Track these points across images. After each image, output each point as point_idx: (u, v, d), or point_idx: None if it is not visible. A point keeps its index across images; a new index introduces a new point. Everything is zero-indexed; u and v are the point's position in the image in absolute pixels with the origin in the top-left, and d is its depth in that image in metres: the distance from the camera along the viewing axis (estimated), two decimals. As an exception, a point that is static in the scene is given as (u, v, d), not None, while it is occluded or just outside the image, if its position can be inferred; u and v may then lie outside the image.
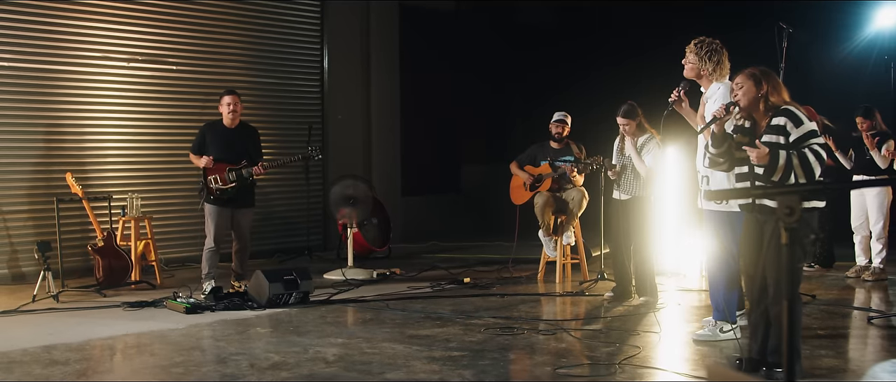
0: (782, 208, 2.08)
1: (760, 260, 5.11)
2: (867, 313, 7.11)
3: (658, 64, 12.81)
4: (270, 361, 5.58)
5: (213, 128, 8.36)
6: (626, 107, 7.67)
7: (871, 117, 9.12)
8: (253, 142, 8.43)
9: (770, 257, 5.04)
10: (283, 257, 10.99)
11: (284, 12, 11.69)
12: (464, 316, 7.11)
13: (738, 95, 5.12)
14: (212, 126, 8.41)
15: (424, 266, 10.14)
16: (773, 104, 5.09)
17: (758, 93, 5.09)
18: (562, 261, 8.95)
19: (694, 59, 6.16)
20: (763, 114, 5.12)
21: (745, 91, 5.11)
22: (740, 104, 5.12)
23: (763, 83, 5.09)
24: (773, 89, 5.10)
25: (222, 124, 8.32)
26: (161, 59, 10.35)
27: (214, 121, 8.46)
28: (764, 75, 5.14)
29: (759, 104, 5.10)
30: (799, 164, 4.90)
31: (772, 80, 5.14)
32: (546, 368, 5.42)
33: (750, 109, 5.13)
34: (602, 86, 12.90)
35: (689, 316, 7.13)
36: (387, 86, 12.83)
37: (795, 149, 4.93)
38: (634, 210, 7.63)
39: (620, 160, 7.78)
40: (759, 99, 5.09)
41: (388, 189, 12.34)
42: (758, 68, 5.20)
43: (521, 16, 14.79)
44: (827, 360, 5.59)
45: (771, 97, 5.08)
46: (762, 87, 5.08)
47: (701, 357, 5.69)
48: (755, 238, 5.18)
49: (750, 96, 5.10)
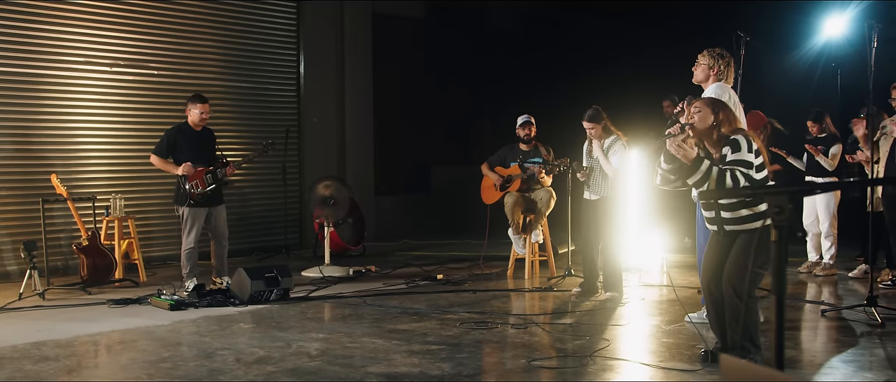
0: (772, 207, 2.10)
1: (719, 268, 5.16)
2: (819, 306, 7.20)
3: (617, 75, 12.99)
4: (255, 356, 5.54)
5: (183, 132, 8.19)
6: (592, 111, 7.71)
7: (820, 121, 9.27)
8: (214, 143, 8.37)
9: (731, 264, 5.07)
10: (261, 255, 10.91)
11: (261, 19, 11.62)
12: (439, 311, 7.10)
13: (694, 118, 5.13)
14: (181, 130, 8.21)
15: (398, 263, 10.13)
16: (724, 135, 5.12)
17: (713, 122, 5.11)
18: (530, 258, 8.98)
19: (708, 61, 6.19)
20: (715, 143, 5.14)
21: (701, 116, 5.13)
22: (695, 126, 5.12)
23: (719, 113, 5.12)
24: (725, 120, 5.12)
25: (190, 128, 8.20)
26: (142, 63, 10.25)
27: (182, 124, 8.27)
28: (720, 106, 5.18)
29: (712, 133, 5.13)
30: (715, 178, 4.94)
31: (726, 112, 5.17)
32: (521, 360, 5.43)
33: (702, 135, 5.15)
34: (565, 93, 12.99)
35: (652, 310, 7.17)
36: (360, 91, 12.80)
37: (720, 166, 4.98)
38: (603, 209, 7.67)
39: (589, 162, 7.82)
40: (713, 128, 5.12)
41: (362, 189, 12.30)
42: (715, 99, 5.25)
43: (488, 23, 14.83)
44: (786, 352, 5.65)
45: (723, 127, 5.10)
46: (718, 117, 5.11)
47: (666, 349, 5.73)
48: (718, 253, 5.20)
49: (705, 122, 5.12)
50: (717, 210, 5.12)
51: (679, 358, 5.46)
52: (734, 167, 4.95)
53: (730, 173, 4.93)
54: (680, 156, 5.00)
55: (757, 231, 5.00)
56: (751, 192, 3.40)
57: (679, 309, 6.99)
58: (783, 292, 2.10)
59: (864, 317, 6.56)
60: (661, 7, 13.76)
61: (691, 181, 5.03)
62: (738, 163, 4.97)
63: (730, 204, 5.07)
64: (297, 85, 12.09)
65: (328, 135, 12.41)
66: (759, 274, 5.10)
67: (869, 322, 6.44)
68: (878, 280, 7.79)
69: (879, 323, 6.36)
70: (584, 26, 14.56)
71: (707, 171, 4.96)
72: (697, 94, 6.34)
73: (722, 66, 6.19)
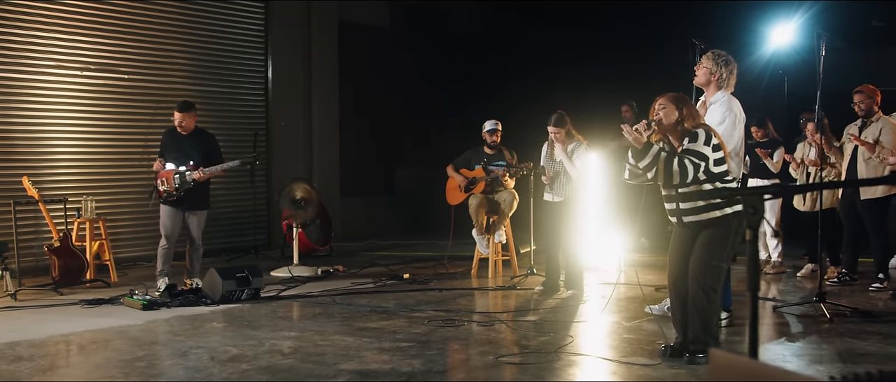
0: (747, 208, 2.13)
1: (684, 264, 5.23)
2: (770, 302, 7.31)
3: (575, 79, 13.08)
4: (229, 354, 5.49)
5: (171, 135, 8.19)
6: (556, 116, 7.75)
7: (763, 126, 9.45)
8: (205, 147, 8.22)
9: (696, 260, 5.14)
10: (230, 256, 10.81)
11: (230, 24, 11.52)
12: (407, 309, 7.10)
13: (659, 114, 5.20)
14: (170, 132, 8.22)
15: (365, 263, 10.10)
16: (687, 129, 5.19)
17: (678, 117, 5.18)
18: (494, 258, 9.01)
19: (711, 65, 6.20)
20: (679, 138, 5.21)
21: (667, 112, 5.20)
22: (662, 122, 5.20)
23: (683, 109, 5.20)
24: (689, 115, 5.20)
25: (176, 131, 8.15)
26: (113, 67, 10.11)
27: (171, 127, 8.27)
28: (683, 101, 5.25)
29: (676, 128, 5.20)
30: (663, 162, 5.03)
31: (689, 107, 5.25)
32: (489, 357, 5.44)
33: (667, 130, 5.22)
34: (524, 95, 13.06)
35: (612, 307, 7.21)
36: (326, 95, 12.75)
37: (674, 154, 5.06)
38: (565, 211, 7.72)
39: (550, 165, 7.86)
40: (678, 123, 5.19)
41: (328, 191, 12.24)
42: (679, 94, 5.32)
43: (450, 28, 14.84)
44: (741, 346, 5.73)
45: (686, 122, 5.18)
46: (682, 113, 5.18)
47: (628, 344, 5.78)
48: (681, 247, 5.27)
49: (671, 118, 5.19)
50: (677, 202, 5.20)
51: (640, 353, 5.51)
52: (685, 155, 5.04)
53: (678, 160, 5.02)
54: (632, 139, 5.10)
55: (717, 224, 5.07)
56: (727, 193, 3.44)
57: (638, 307, 7.06)
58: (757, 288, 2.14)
59: (814, 313, 6.67)
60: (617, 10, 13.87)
61: (642, 164, 5.10)
62: (691, 152, 5.06)
63: (688, 194, 5.14)
64: (265, 89, 12.01)
65: (295, 138, 12.35)
66: (720, 267, 5.17)
67: (818, 318, 6.55)
68: (826, 277, 7.92)
69: (828, 319, 6.47)
70: (543, 31, 14.64)
71: (656, 154, 5.07)
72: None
73: (724, 73, 6.19)
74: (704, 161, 5.05)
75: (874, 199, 7.90)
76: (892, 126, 7.58)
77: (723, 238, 5.09)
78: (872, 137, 7.81)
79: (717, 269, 5.12)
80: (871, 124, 7.90)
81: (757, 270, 2.18)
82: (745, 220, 2.11)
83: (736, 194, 2.73)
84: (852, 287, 8.08)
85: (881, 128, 7.80)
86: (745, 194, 2.22)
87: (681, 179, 5.04)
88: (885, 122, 7.82)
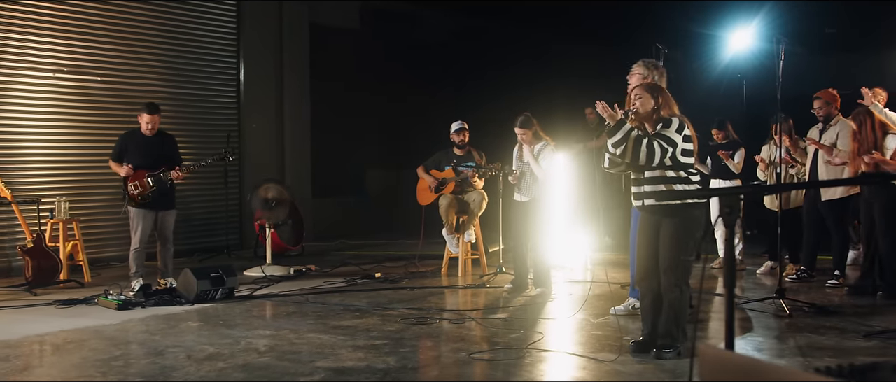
0: (723, 207, 2.16)
1: (654, 259, 5.28)
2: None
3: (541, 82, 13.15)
4: (205, 353, 5.44)
5: (133, 137, 8.07)
6: (523, 118, 7.79)
7: (723, 129, 9.55)
8: (170, 147, 8.19)
9: (665, 256, 5.20)
10: (202, 256, 10.72)
11: (202, 27, 11.43)
12: (380, 307, 7.08)
13: (636, 104, 5.26)
14: (131, 134, 8.10)
15: (337, 262, 10.06)
16: (662, 117, 5.25)
17: (653, 106, 5.25)
18: (463, 257, 9.02)
19: (642, 70, 6.27)
20: (653, 125, 5.28)
21: (643, 102, 5.26)
22: (639, 111, 5.26)
23: (659, 98, 5.26)
24: (665, 104, 5.27)
25: (141, 133, 8.04)
26: (85, 70, 9.99)
27: (133, 129, 8.15)
28: (658, 91, 5.32)
29: (652, 116, 5.26)
30: (633, 141, 5.10)
31: (665, 96, 5.32)
32: (461, 353, 5.44)
33: (643, 119, 5.28)
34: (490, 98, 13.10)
35: (579, 304, 7.25)
36: (298, 97, 12.70)
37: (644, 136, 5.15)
38: (533, 210, 7.75)
39: (519, 166, 7.89)
40: (653, 112, 5.25)
41: (300, 191, 12.18)
42: (654, 83, 5.37)
43: (419, 32, 14.83)
44: (705, 340, 5.79)
45: (662, 110, 5.24)
46: (658, 101, 5.24)
47: (596, 340, 5.81)
48: (648, 240, 5.33)
49: (647, 107, 5.25)
50: (642, 185, 5.26)
51: (608, 349, 5.54)
52: (655, 138, 5.10)
53: (647, 141, 5.08)
54: (606, 116, 5.17)
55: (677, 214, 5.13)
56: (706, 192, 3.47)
57: (604, 304, 7.11)
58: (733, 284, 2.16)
59: (774, 309, 6.76)
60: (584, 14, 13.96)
61: (613, 141, 5.15)
62: (662, 136, 5.13)
63: (652, 178, 5.20)
64: (238, 91, 11.93)
65: (267, 140, 12.28)
66: (688, 261, 5.23)
67: (778, 314, 6.64)
68: (785, 274, 8.03)
69: (787, 314, 6.56)
70: (510, 34, 14.70)
71: (627, 132, 5.12)
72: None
73: (656, 77, 6.29)
74: (673, 146, 5.12)
75: (835, 200, 8.03)
76: (849, 129, 7.70)
77: (686, 231, 5.16)
78: (830, 141, 7.94)
79: (687, 263, 5.18)
80: (830, 128, 8.04)
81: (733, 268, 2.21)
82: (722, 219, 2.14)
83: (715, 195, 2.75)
84: (810, 283, 8.20)
85: (839, 132, 7.93)
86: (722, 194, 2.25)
87: (647, 160, 5.09)
88: (843, 126, 7.95)
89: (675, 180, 5.22)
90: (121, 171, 7.91)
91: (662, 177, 5.22)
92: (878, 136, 7.29)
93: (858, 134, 7.38)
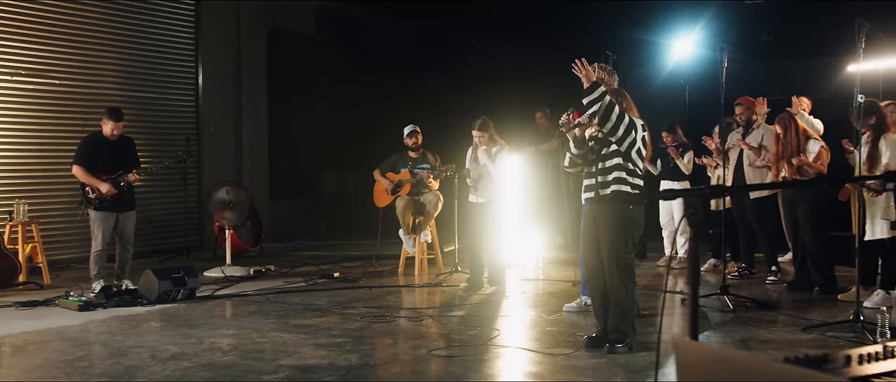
0: (687, 208, 2.19)
1: (599, 259, 5.34)
2: (677, 295, 7.51)
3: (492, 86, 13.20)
4: (169, 352, 5.36)
5: (97, 141, 7.88)
6: (480, 121, 7.81)
7: (673, 132, 9.66)
8: (129, 150, 8.04)
9: (607, 255, 5.26)
10: (162, 257, 10.56)
11: (161, 31, 11.25)
12: (340, 306, 7.04)
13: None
14: (95, 138, 7.91)
15: (295, 263, 9.99)
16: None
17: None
18: (420, 257, 9.01)
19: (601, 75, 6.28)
20: None
21: None
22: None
23: (623, 102, 5.32)
24: (628, 107, 5.34)
25: (103, 136, 7.88)
26: (43, 73, 9.77)
27: (95, 133, 7.97)
28: (621, 95, 5.38)
29: None
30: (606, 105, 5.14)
31: (628, 101, 5.39)
32: (421, 350, 5.44)
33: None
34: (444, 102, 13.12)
35: (533, 302, 7.30)
36: (255, 101, 12.57)
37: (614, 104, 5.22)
38: (489, 211, 7.77)
39: (475, 168, 7.91)
40: None
41: (258, 193, 12.07)
42: (618, 87, 5.43)
43: (373, 37, 14.78)
44: (652, 336, 5.86)
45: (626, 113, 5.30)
46: (621, 105, 5.30)
47: (551, 336, 5.85)
48: (592, 241, 5.39)
49: None
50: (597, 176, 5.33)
51: (563, 344, 5.59)
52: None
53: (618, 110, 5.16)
54: (583, 77, 5.21)
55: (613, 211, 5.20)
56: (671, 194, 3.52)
57: (557, 302, 7.16)
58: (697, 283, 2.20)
59: (719, 304, 6.86)
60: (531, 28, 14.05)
61: (587, 100, 5.18)
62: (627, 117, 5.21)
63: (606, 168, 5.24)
64: (196, 95, 11.77)
65: (226, 142, 12.13)
66: (628, 259, 5.30)
67: (722, 309, 6.75)
68: (728, 271, 8.16)
69: (731, 309, 6.67)
70: (461, 40, 14.73)
71: (602, 94, 5.15)
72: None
73: (610, 82, 6.33)
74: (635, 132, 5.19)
75: (760, 199, 8.23)
76: (772, 132, 7.86)
77: (623, 229, 5.23)
78: (756, 143, 8.14)
79: (628, 261, 5.26)
80: (753, 131, 8.25)
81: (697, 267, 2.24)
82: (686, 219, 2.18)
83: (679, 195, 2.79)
84: (751, 280, 8.36)
85: (763, 135, 8.12)
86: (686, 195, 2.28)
87: (604, 118, 5.13)
88: (765, 129, 8.16)
89: (621, 181, 5.26)
90: (102, 187, 7.66)
91: (613, 173, 5.27)
92: (802, 140, 7.48)
93: (782, 137, 7.56)
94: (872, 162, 6.73)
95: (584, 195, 5.49)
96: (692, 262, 2.27)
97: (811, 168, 7.33)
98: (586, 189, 5.43)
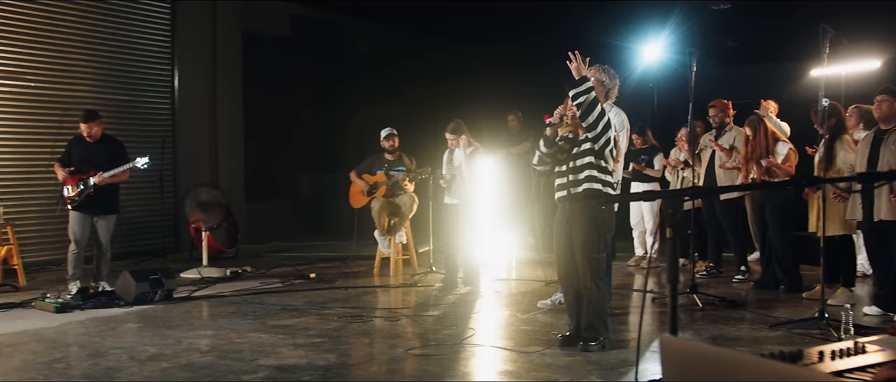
0: (666, 208, 2.21)
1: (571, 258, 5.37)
2: (649, 294, 7.56)
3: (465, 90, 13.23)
4: (148, 353, 5.31)
5: (78, 143, 7.84)
6: (454, 124, 7.82)
7: (643, 134, 9.74)
8: (112, 153, 7.92)
9: (579, 254, 5.30)
10: (138, 259, 10.45)
11: (137, 34, 11.13)
12: (317, 307, 7.02)
13: (573, 109, 5.32)
14: (77, 140, 7.87)
15: (272, 264, 9.93)
16: None
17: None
18: (395, 257, 9.01)
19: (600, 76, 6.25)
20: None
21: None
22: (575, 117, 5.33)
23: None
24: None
25: (84, 139, 7.82)
26: (19, 74, 9.64)
27: (78, 135, 7.93)
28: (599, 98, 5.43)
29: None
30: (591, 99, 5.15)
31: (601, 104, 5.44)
32: (398, 350, 5.44)
33: (577, 124, 5.36)
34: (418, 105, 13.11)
35: (506, 301, 7.32)
36: (231, 104, 12.47)
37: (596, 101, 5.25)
38: (463, 212, 7.78)
39: (450, 170, 7.92)
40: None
41: (234, 195, 11.98)
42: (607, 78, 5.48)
43: (348, 41, 14.75)
44: (624, 334, 5.91)
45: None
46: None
47: (525, 335, 5.87)
48: (565, 241, 5.42)
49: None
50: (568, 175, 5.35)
51: (537, 343, 5.61)
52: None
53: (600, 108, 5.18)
54: (573, 69, 5.22)
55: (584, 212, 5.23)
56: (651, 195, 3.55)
57: (530, 301, 7.19)
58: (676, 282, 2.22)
59: (688, 302, 6.92)
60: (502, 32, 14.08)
61: (573, 92, 5.19)
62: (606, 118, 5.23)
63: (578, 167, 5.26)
64: (172, 97, 11.66)
65: (202, 144, 12.03)
66: (600, 259, 5.33)
67: (692, 307, 6.81)
68: (696, 270, 8.24)
69: (700, 308, 6.74)
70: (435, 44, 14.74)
71: (588, 89, 5.16)
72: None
73: (609, 84, 6.29)
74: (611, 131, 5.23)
75: (730, 200, 8.31)
76: (743, 135, 7.95)
77: (594, 229, 5.26)
78: (727, 144, 8.23)
79: (599, 261, 5.30)
80: (725, 133, 8.34)
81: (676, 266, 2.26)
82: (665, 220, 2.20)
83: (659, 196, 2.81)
84: (719, 279, 8.44)
85: (735, 137, 8.22)
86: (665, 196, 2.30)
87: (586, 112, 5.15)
88: (737, 131, 8.25)
89: (593, 179, 5.29)
90: (58, 177, 7.68)
91: (584, 172, 5.30)
92: (770, 143, 7.58)
93: (752, 139, 7.66)
94: (828, 163, 6.82)
95: (556, 194, 5.51)
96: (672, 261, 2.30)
97: (780, 169, 7.43)
98: (559, 188, 5.47)
